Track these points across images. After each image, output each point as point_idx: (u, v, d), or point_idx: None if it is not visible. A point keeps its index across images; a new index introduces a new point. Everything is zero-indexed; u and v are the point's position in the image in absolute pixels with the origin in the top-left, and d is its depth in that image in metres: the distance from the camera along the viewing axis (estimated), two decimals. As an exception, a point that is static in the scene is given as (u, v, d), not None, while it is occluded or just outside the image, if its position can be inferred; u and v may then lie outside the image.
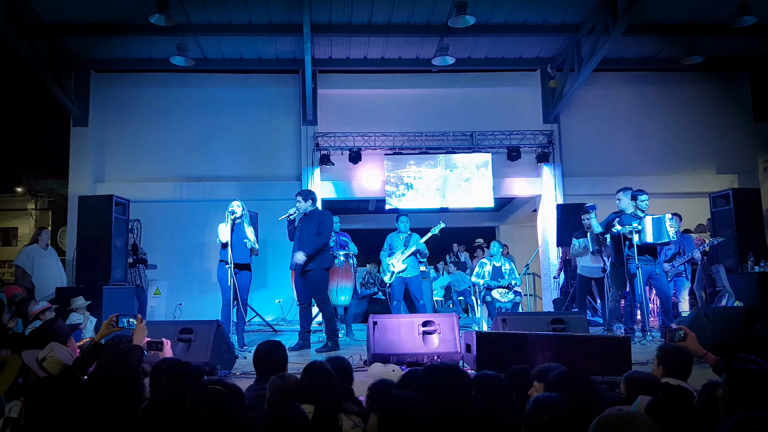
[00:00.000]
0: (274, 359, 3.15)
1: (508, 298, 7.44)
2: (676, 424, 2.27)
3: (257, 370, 3.22)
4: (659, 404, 2.34)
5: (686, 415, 2.33)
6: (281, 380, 2.63)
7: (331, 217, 6.49)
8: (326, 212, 6.47)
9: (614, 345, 4.32)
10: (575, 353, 4.13)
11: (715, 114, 10.83)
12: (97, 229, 7.04)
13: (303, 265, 6.08)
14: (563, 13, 8.83)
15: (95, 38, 9.07)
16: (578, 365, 3.82)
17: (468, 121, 10.24)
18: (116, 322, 3.46)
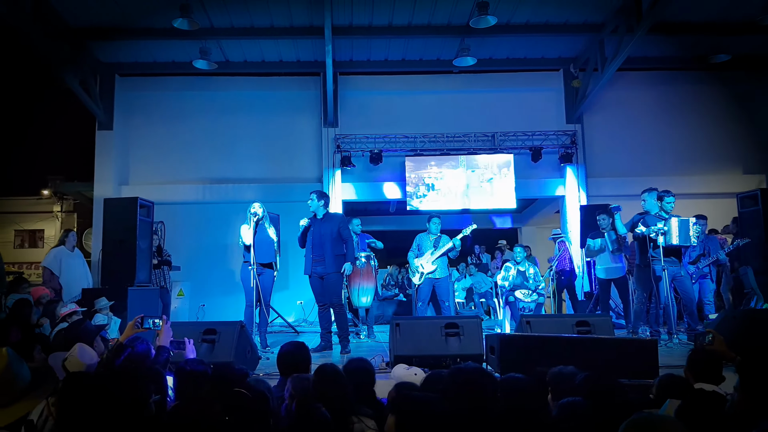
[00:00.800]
0: (297, 360, 3.17)
1: (531, 298, 7.39)
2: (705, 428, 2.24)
3: (281, 370, 3.23)
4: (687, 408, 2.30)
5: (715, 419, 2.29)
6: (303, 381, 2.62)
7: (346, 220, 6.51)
8: (342, 215, 6.50)
9: (641, 348, 4.24)
10: (601, 356, 4.07)
11: (742, 113, 10.62)
12: (121, 231, 7.15)
13: (323, 268, 6.07)
14: (586, 12, 8.74)
15: (119, 42, 9.22)
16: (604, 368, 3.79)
17: (490, 121, 10.18)
18: (141, 323, 3.51)
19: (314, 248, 6.13)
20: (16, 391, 1.92)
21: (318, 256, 6.11)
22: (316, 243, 6.12)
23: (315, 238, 6.14)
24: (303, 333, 8.01)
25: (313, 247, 6.13)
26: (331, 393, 2.50)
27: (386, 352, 5.35)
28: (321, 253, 6.09)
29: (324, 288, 6.13)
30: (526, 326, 5.14)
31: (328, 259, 6.07)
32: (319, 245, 6.11)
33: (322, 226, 6.16)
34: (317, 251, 6.11)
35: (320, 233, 6.13)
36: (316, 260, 6.13)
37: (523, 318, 5.30)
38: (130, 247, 7.04)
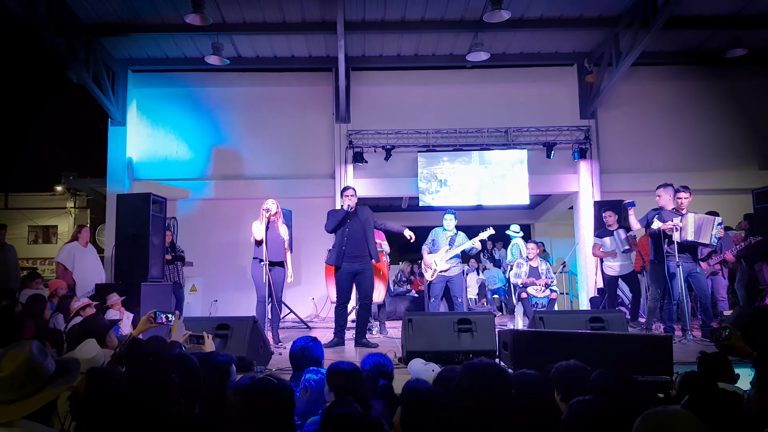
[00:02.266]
0: (310, 355, 3.17)
1: (544, 294, 7.35)
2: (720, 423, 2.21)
3: (293, 366, 3.24)
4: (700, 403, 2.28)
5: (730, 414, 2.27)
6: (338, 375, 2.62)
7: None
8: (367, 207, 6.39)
9: (655, 344, 4.20)
10: (615, 352, 4.03)
11: (758, 108, 10.47)
12: (134, 226, 7.18)
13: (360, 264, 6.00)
14: (601, 6, 8.65)
15: (132, 38, 9.26)
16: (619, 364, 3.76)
17: (503, 117, 10.11)
18: (154, 318, 3.52)
19: (349, 243, 6.01)
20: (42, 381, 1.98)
21: (352, 251, 6.01)
22: (352, 238, 6.01)
23: (351, 232, 6.02)
24: (315, 328, 8.02)
25: (348, 241, 6.01)
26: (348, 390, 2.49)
27: (399, 347, 5.35)
28: (357, 249, 6.00)
29: (360, 284, 6.05)
30: (539, 322, 5.13)
31: (366, 256, 6.03)
32: (354, 240, 6.00)
33: (358, 220, 6.07)
34: (351, 246, 5.99)
35: (356, 228, 6.03)
36: (349, 256, 6.01)
37: (536, 314, 5.28)
38: (143, 242, 7.08)
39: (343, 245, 6.02)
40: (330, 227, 6.15)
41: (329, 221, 6.19)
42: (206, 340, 3.58)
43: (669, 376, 3.94)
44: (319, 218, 9.81)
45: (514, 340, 4.16)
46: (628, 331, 5.22)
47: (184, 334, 3.61)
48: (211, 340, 3.62)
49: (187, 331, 3.65)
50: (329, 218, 6.22)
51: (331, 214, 6.29)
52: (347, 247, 6.00)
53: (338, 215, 6.13)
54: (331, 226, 6.14)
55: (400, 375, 3.87)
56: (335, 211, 6.32)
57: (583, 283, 10.03)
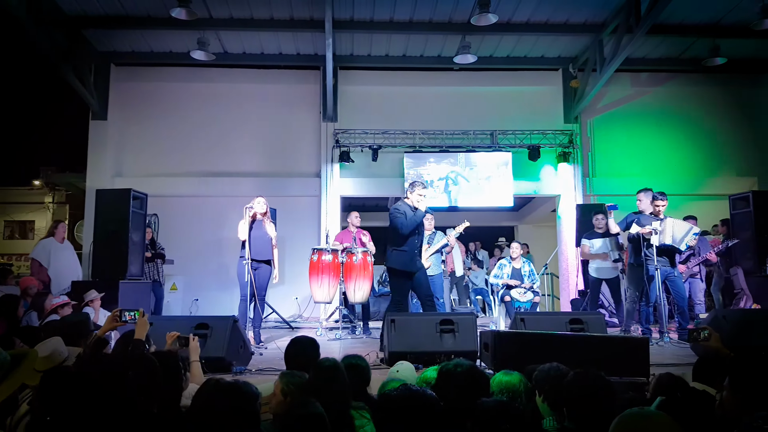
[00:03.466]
0: (304, 356, 3.11)
1: (527, 297, 7.40)
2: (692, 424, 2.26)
3: (288, 365, 3.18)
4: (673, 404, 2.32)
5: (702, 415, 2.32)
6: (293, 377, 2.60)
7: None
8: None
9: (632, 346, 4.26)
10: (593, 354, 4.08)
11: (737, 116, 10.68)
12: (114, 223, 7.04)
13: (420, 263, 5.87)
14: (586, 12, 8.75)
15: (115, 31, 9.13)
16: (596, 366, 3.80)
17: (489, 119, 10.18)
18: (119, 317, 3.45)
19: (420, 244, 5.87)
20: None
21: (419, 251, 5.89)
22: (420, 240, 5.85)
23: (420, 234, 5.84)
24: (298, 329, 7.99)
25: (419, 242, 5.84)
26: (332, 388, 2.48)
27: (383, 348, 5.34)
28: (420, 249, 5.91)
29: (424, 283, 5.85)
30: (520, 323, 5.17)
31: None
32: (421, 242, 5.89)
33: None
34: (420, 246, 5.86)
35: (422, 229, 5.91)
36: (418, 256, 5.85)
37: (517, 315, 5.31)
38: (122, 239, 6.95)
39: (415, 249, 5.74)
40: (407, 231, 5.62)
41: (406, 223, 5.60)
42: (191, 342, 3.52)
43: (645, 377, 4.00)
44: (304, 217, 9.93)
45: (495, 341, 4.18)
46: (607, 332, 5.28)
47: (172, 335, 3.55)
48: (196, 342, 3.56)
49: (175, 333, 3.60)
50: (400, 218, 5.62)
51: (401, 212, 5.66)
52: (418, 250, 5.80)
53: (416, 218, 5.63)
54: (408, 230, 5.62)
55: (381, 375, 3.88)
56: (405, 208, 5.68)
57: (564, 285, 10.13)
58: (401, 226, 5.59)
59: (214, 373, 3.93)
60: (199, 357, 3.47)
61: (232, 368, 4.55)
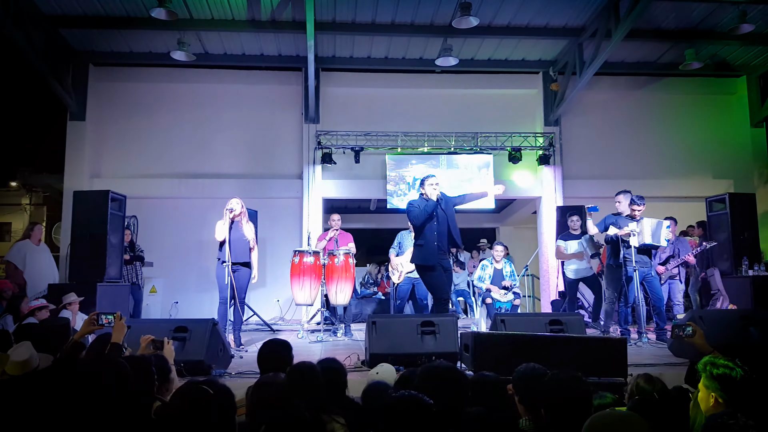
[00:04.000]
0: (277, 359, 3.10)
1: (508, 298, 7.45)
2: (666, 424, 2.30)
3: (260, 369, 3.18)
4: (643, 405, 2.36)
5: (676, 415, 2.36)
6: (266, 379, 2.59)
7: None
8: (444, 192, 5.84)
9: (610, 347, 4.30)
10: (572, 355, 4.12)
11: (713, 119, 10.87)
12: (92, 225, 6.96)
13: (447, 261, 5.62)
14: (566, 16, 8.83)
15: (94, 31, 9.00)
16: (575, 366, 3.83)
17: (470, 121, 10.22)
18: (96, 320, 3.42)
19: (440, 237, 5.53)
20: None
21: (443, 246, 5.55)
22: (441, 232, 5.54)
23: (440, 225, 5.54)
24: (279, 331, 7.94)
25: (439, 235, 5.53)
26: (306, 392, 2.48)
27: (363, 350, 5.34)
28: (446, 244, 5.57)
29: (449, 281, 5.66)
30: (500, 324, 5.20)
31: (447, 248, 5.64)
32: (443, 234, 5.54)
33: (442, 211, 5.57)
34: (442, 240, 5.53)
35: (443, 219, 5.56)
36: (442, 251, 5.55)
37: (497, 316, 5.34)
38: (101, 241, 6.88)
39: (435, 240, 5.50)
40: (420, 222, 5.53)
41: (417, 215, 5.53)
42: (166, 345, 3.48)
43: (623, 377, 4.05)
44: (286, 219, 9.88)
45: (475, 342, 4.20)
46: (585, 333, 5.33)
47: (147, 338, 3.51)
48: (171, 345, 3.52)
49: (150, 336, 3.56)
50: (414, 211, 5.56)
51: (414, 206, 5.59)
52: (439, 242, 5.51)
53: (428, 208, 5.49)
54: (420, 221, 5.52)
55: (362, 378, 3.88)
56: (419, 202, 5.58)
57: (544, 286, 10.21)
58: (414, 218, 5.57)
59: (193, 377, 3.89)
60: (174, 360, 3.44)
61: (212, 371, 4.51)
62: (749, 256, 7.65)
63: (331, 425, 2.40)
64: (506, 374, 2.84)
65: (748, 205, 8.08)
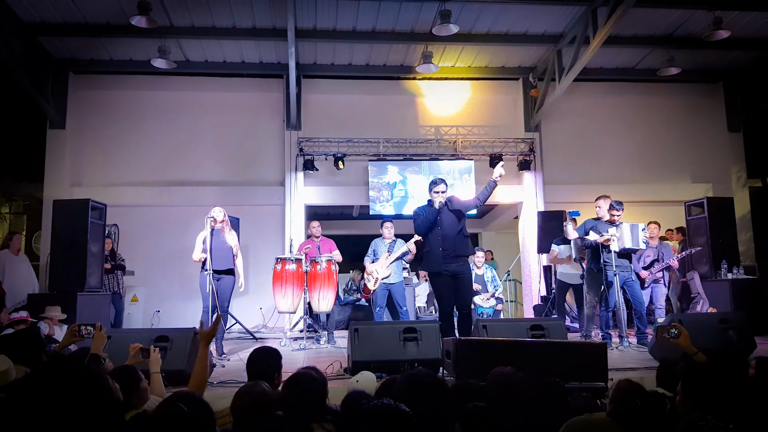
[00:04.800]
0: (265, 367, 3.08)
1: (490, 303, 7.49)
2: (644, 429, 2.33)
3: (249, 376, 3.16)
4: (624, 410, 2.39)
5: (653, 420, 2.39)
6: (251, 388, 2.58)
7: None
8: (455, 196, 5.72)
9: (591, 351, 4.33)
10: (553, 359, 4.14)
11: (691, 124, 11.04)
12: (72, 233, 6.91)
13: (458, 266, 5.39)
14: (545, 23, 8.95)
15: (74, 39, 8.94)
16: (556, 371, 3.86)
17: (451, 128, 10.30)
18: (78, 331, 3.39)
19: (445, 242, 5.35)
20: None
21: (451, 251, 5.34)
22: (447, 236, 5.37)
23: (445, 230, 5.37)
24: (262, 339, 7.90)
25: (444, 241, 5.36)
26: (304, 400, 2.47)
27: (346, 357, 5.33)
28: (455, 248, 5.37)
29: (459, 290, 5.39)
30: (482, 330, 5.21)
31: (463, 256, 5.45)
32: (451, 238, 5.37)
33: (450, 214, 5.42)
34: (449, 244, 5.34)
35: (450, 223, 5.39)
36: (449, 257, 5.33)
37: (479, 322, 5.36)
38: (81, 250, 6.81)
39: (439, 246, 5.37)
40: (422, 231, 5.48)
41: (419, 224, 5.47)
42: (152, 354, 3.44)
43: (604, 382, 4.08)
44: (268, 226, 9.85)
45: (456, 348, 4.21)
46: (567, 338, 5.37)
47: (135, 346, 3.48)
48: (157, 353, 3.48)
49: (138, 344, 3.52)
50: (416, 219, 5.51)
51: (418, 214, 5.51)
52: (444, 248, 5.36)
53: (429, 215, 5.41)
54: (422, 229, 5.46)
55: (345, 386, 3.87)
56: (423, 209, 5.51)
57: (527, 291, 10.28)
58: (417, 227, 5.52)
59: (175, 386, 3.86)
60: (159, 369, 3.41)
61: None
62: (728, 260, 7.78)
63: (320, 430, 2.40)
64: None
65: (725, 209, 8.23)
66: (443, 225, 5.36)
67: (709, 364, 2.88)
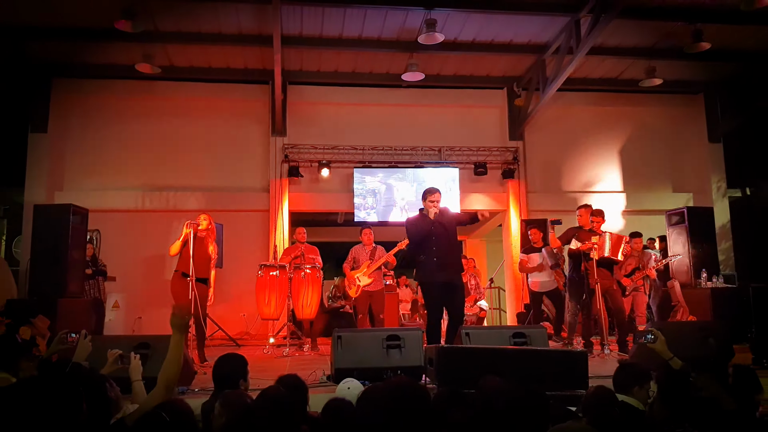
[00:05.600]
0: (231, 373, 3.08)
1: (473, 311, 7.51)
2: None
3: (216, 385, 3.16)
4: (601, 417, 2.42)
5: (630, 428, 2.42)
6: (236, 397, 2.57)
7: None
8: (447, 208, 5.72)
9: (571, 359, 4.37)
10: (534, 367, 4.17)
11: (672, 135, 11.20)
12: (52, 239, 6.81)
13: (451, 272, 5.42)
14: (530, 33, 9.04)
15: (57, 43, 8.86)
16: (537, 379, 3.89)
17: (436, 136, 10.36)
18: (66, 339, 3.36)
19: (439, 252, 5.35)
20: None
21: (444, 262, 5.36)
22: (441, 247, 5.37)
23: (439, 240, 5.37)
24: (245, 346, 7.86)
25: (438, 251, 5.36)
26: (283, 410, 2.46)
27: (329, 365, 5.31)
28: (449, 258, 5.40)
29: (453, 301, 5.42)
30: (464, 337, 5.23)
31: (457, 265, 5.50)
32: (444, 250, 5.38)
33: (443, 225, 5.42)
34: (442, 254, 5.35)
35: (443, 234, 5.40)
36: (442, 266, 5.35)
37: (462, 329, 5.38)
38: (62, 256, 6.72)
39: (433, 257, 5.36)
40: (415, 241, 5.50)
41: (412, 233, 5.47)
42: (132, 361, 3.40)
43: (584, 390, 4.12)
44: (252, 232, 9.80)
45: (439, 355, 4.22)
46: (548, 346, 5.40)
47: (114, 353, 3.44)
48: (138, 361, 3.44)
49: (117, 350, 3.48)
50: (409, 229, 5.51)
51: (412, 224, 5.51)
52: (438, 257, 5.36)
53: (422, 227, 5.39)
54: (416, 241, 5.48)
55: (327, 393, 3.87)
56: (416, 220, 5.51)
57: (510, 299, 10.33)
58: (410, 236, 5.55)
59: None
60: (141, 376, 3.37)
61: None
62: (708, 269, 7.88)
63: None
64: (471, 387, 2.86)
65: (705, 218, 8.32)
66: (437, 235, 5.36)
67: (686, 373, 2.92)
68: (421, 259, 5.44)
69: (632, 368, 3.20)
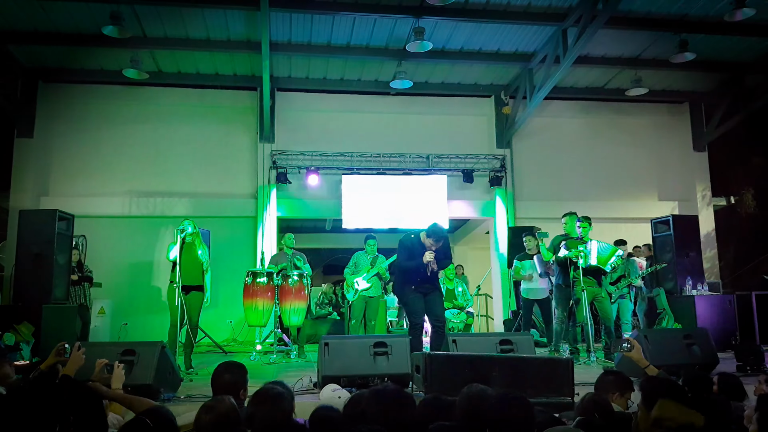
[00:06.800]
0: (230, 381, 3.04)
1: (460, 318, 7.53)
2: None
3: (214, 391, 3.11)
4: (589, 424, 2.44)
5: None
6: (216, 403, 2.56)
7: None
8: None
9: (557, 366, 4.38)
10: (521, 374, 4.19)
11: (658, 143, 11.34)
12: (38, 244, 6.80)
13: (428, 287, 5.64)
14: (517, 42, 9.12)
15: (45, 48, 8.83)
16: (524, 386, 3.91)
17: (424, 144, 10.41)
18: (64, 351, 3.33)
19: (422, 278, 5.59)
20: None
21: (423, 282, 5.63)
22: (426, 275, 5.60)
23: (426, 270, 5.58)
24: (232, 353, 7.81)
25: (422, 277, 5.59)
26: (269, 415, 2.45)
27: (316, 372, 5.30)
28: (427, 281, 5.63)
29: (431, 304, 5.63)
30: (452, 344, 5.24)
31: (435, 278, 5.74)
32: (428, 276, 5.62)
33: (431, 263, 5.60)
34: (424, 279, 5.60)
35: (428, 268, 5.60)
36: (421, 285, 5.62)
37: (449, 336, 5.39)
38: (47, 262, 6.70)
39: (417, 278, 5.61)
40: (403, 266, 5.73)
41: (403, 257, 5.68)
42: (115, 369, 3.37)
43: (570, 397, 4.14)
44: (240, 238, 9.77)
45: (426, 362, 4.23)
46: (535, 353, 5.42)
47: (101, 362, 3.41)
48: (121, 369, 3.41)
49: (104, 360, 3.45)
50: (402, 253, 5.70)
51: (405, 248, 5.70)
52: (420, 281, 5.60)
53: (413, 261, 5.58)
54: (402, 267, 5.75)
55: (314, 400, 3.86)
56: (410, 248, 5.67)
57: (497, 306, 10.36)
58: (399, 260, 5.78)
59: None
60: (122, 385, 3.34)
61: (160, 395, 4.40)
62: (693, 276, 7.98)
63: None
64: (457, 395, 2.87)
65: (691, 226, 8.44)
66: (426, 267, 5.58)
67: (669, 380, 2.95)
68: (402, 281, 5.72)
69: (615, 376, 3.23)
